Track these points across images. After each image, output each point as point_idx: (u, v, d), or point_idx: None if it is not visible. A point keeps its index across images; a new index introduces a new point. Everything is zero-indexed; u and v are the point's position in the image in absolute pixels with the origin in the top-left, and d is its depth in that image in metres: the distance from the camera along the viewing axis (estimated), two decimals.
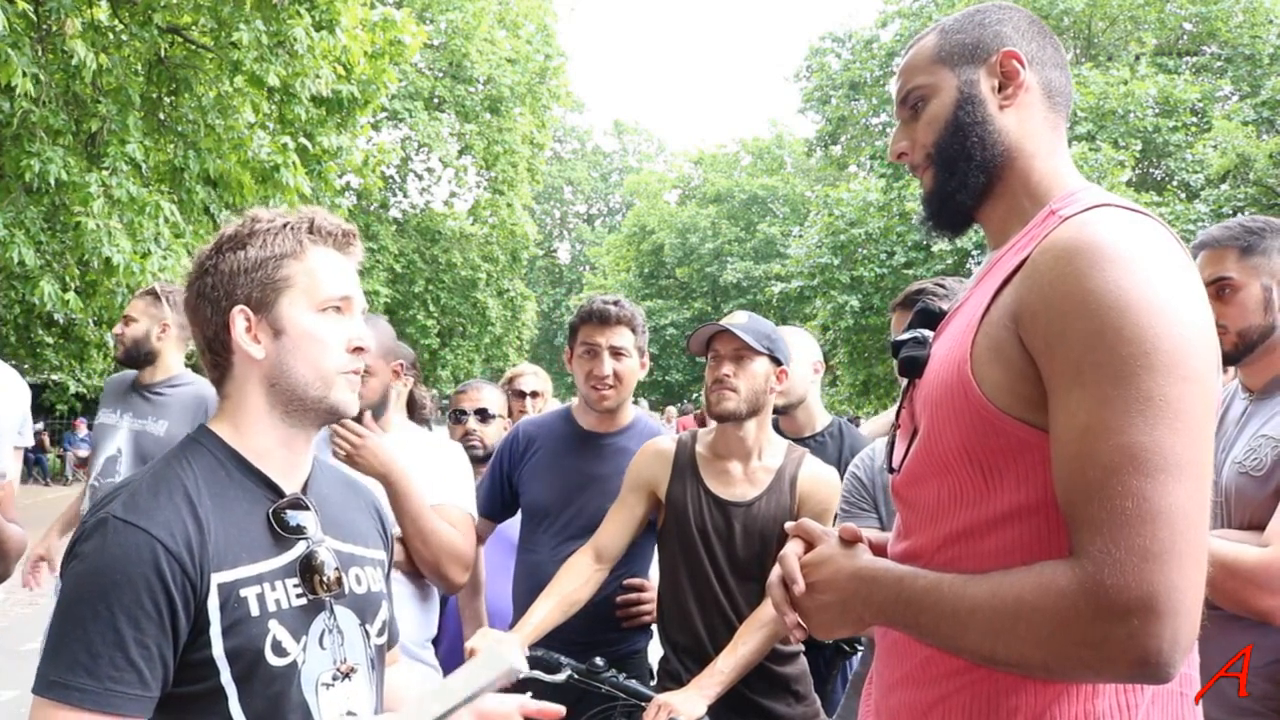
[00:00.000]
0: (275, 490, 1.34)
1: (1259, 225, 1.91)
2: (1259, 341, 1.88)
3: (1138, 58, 19.16)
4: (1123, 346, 1.01)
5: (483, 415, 3.34)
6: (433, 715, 1.26)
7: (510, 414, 3.64)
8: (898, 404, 1.34)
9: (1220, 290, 1.90)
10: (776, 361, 2.33)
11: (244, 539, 1.27)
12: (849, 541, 1.24)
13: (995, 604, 1.04)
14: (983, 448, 1.13)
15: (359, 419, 2.32)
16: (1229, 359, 1.91)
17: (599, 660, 2.26)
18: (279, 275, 1.32)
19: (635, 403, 3.29)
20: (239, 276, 1.32)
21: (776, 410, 3.04)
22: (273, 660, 1.26)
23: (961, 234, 1.37)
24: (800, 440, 2.89)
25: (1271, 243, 1.89)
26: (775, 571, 1.29)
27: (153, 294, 3.43)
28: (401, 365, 2.50)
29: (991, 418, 1.11)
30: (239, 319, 1.31)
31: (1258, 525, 1.74)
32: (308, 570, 1.31)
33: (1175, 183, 17.69)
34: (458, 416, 3.37)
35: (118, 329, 3.45)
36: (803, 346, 3.04)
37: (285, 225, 1.34)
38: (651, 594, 2.56)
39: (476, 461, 3.19)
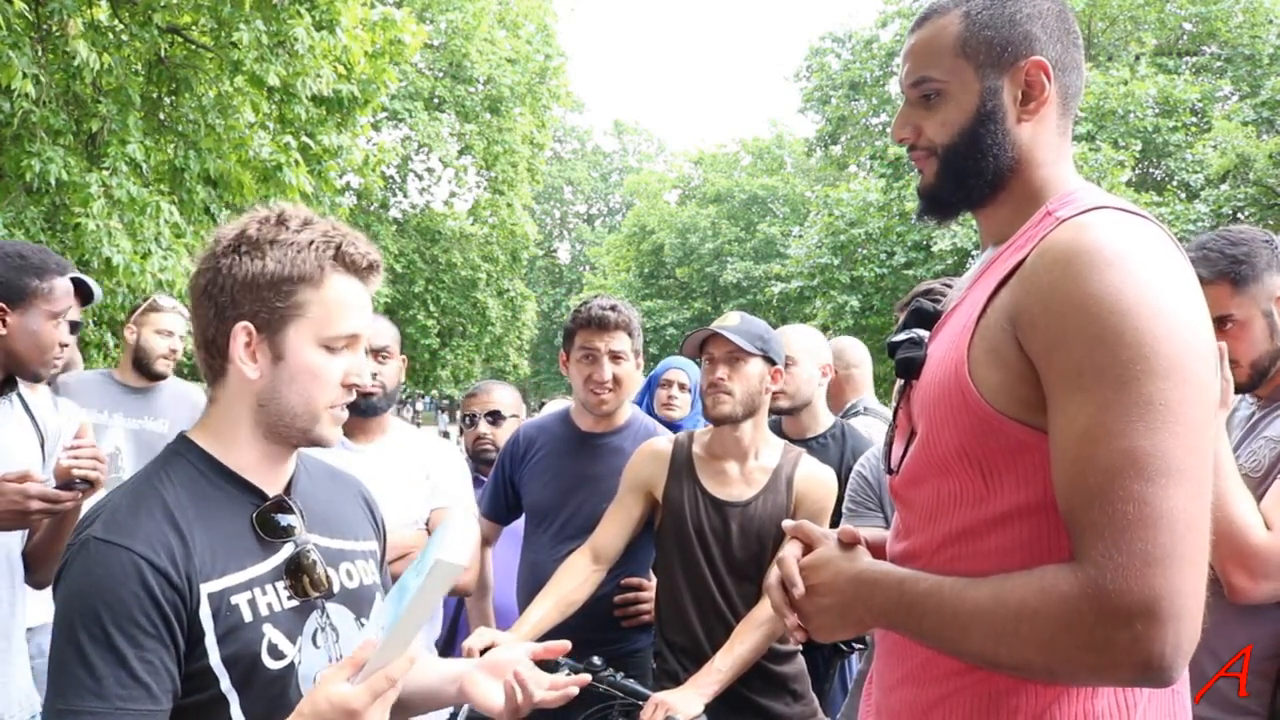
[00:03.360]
0: (258, 494, 1.32)
1: (1243, 251, 1.84)
2: (1270, 366, 1.85)
3: (1138, 58, 19.14)
4: (1123, 350, 1.00)
5: (494, 417, 3.31)
6: (413, 631, 1.19)
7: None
8: (894, 405, 1.34)
9: (1223, 326, 1.83)
10: (771, 361, 2.33)
11: (230, 546, 1.26)
12: (848, 544, 1.24)
13: (997, 608, 1.04)
14: (981, 449, 1.13)
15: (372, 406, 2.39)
16: (1243, 389, 1.88)
17: (596, 659, 2.27)
18: (292, 301, 1.25)
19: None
20: (249, 290, 1.25)
21: (783, 411, 3.04)
22: (269, 663, 1.25)
23: (951, 221, 1.37)
24: (803, 442, 2.89)
25: (1258, 263, 1.83)
26: (774, 573, 1.28)
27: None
28: (407, 362, 2.56)
29: (990, 419, 1.11)
30: (240, 335, 1.26)
31: None
32: (295, 571, 1.30)
33: (1175, 183, 17.69)
34: (469, 420, 3.35)
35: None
36: (812, 348, 3.03)
37: (310, 244, 1.26)
38: (650, 592, 2.56)
39: (490, 464, 3.18)
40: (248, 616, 1.24)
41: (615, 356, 2.59)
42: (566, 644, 1.55)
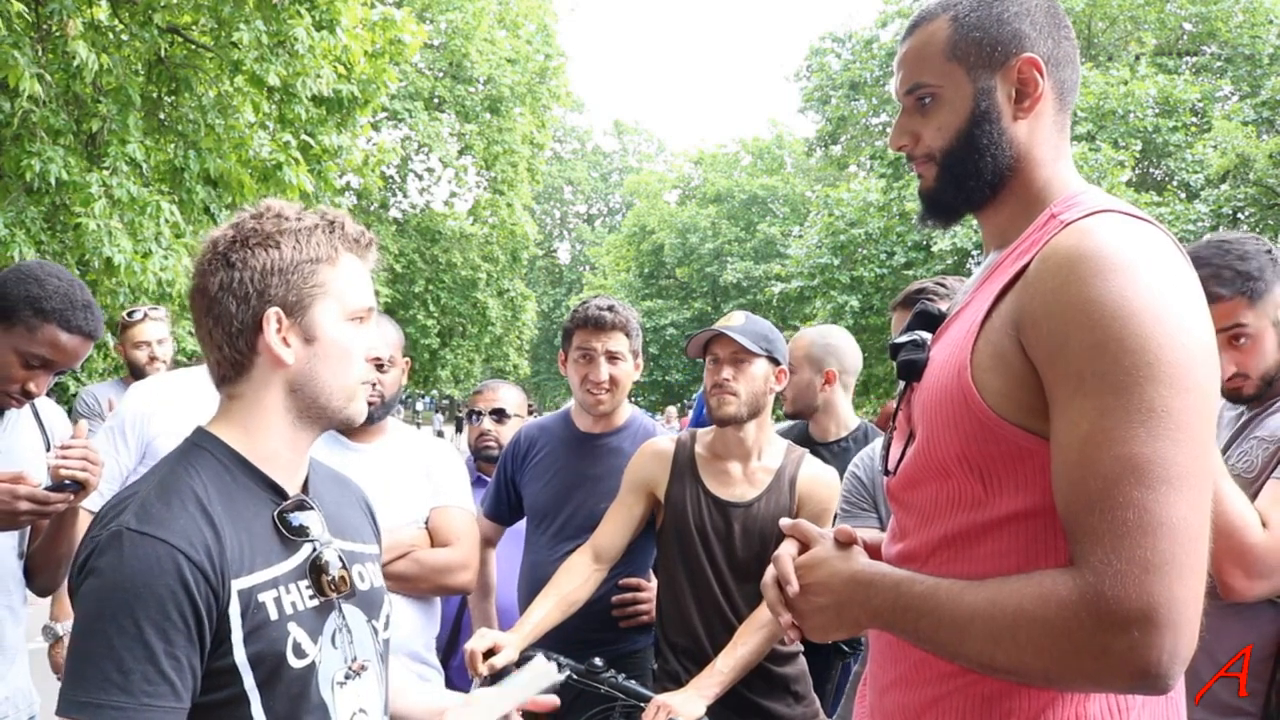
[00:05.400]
0: (279, 492, 1.32)
1: (1255, 266, 1.83)
2: (1276, 377, 1.86)
3: (1138, 58, 19.15)
4: (1125, 357, 1.00)
5: (499, 415, 3.32)
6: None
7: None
8: (894, 406, 1.34)
9: (1235, 339, 1.83)
10: (775, 362, 2.33)
11: (256, 543, 1.26)
12: (844, 544, 1.24)
13: (994, 612, 1.04)
14: (981, 454, 1.12)
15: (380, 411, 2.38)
16: (1248, 400, 1.88)
17: (597, 660, 2.26)
18: (314, 280, 1.29)
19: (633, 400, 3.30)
20: (273, 276, 1.27)
21: (788, 416, 3.02)
22: (294, 662, 1.25)
23: (954, 224, 1.37)
24: (825, 445, 2.89)
25: (1268, 275, 1.83)
26: (770, 572, 1.28)
27: None
28: (409, 363, 2.52)
29: (991, 424, 1.10)
30: (272, 320, 1.27)
31: None
32: (316, 571, 1.30)
33: (1175, 183, 17.69)
34: (474, 417, 3.37)
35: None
36: (813, 355, 2.99)
37: (317, 227, 1.31)
38: (649, 593, 2.56)
39: (491, 461, 3.19)
40: (274, 615, 1.24)
41: (612, 357, 2.59)
42: (555, 701, 1.57)
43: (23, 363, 1.98)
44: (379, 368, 2.36)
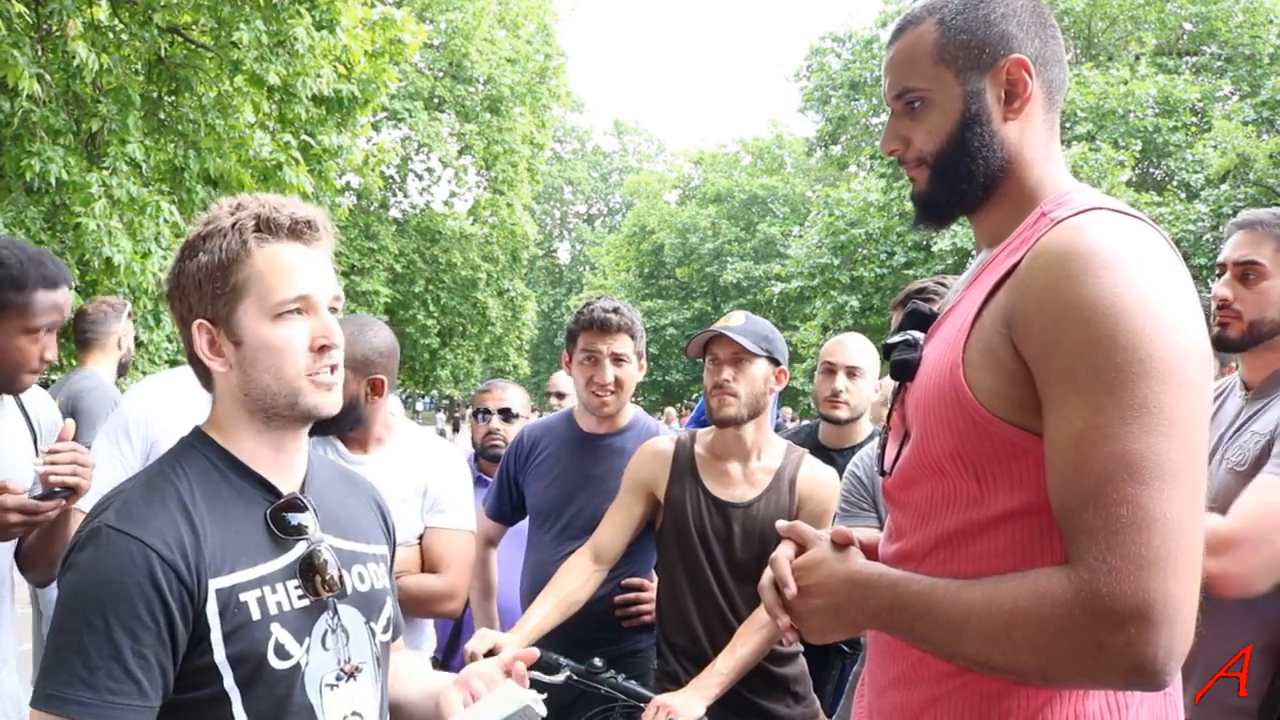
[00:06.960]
0: (272, 491, 1.31)
1: None
2: (1267, 336, 1.87)
3: (1138, 58, 19.17)
4: (1117, 353, 1.00)
5: (506, 415, 3.32)
6: None
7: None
8: (889, 406, 1.34)
9: (1245, 274, 1.87)
10: (775, 362, 2.33)
11: (242, 542, 1.25)
12: (841, 545, 1.24)
13: (990, 611, 1.04)
14: (975, 452, 1.12)
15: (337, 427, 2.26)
16: (1232, 345, 1.89)
17: (598, 661, 2.26)
18: (230, 284, 1.25)
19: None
20: (194, 290, 1.27)
21: (840, 422, 2.99)
22: (275, 663, 1.24)
23: (948, 226, 1.37)
24: (843, 451, 2.89)
25: None
26: (767, 574, 1.28)
27: None
28: (381, 381, 2.25)
29: (984, 422, 1.11)
30: (200, 334, 1.28)
31: None
32: (308, 570, 1.29)
33: (1175, 183, 17.70)
34: (481, 416, 3.37)
35: None
36: (877, 361, 3.00)
37: (234, 225, 1.27)
38: (651, 593, 2.56)
39: (496, 461, 3.19)
40: (256, 615, 1.23)
41: (617, 359, 2.58)
42: (535, 653, 1.53)
43: (32, 339, 2.00)
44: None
